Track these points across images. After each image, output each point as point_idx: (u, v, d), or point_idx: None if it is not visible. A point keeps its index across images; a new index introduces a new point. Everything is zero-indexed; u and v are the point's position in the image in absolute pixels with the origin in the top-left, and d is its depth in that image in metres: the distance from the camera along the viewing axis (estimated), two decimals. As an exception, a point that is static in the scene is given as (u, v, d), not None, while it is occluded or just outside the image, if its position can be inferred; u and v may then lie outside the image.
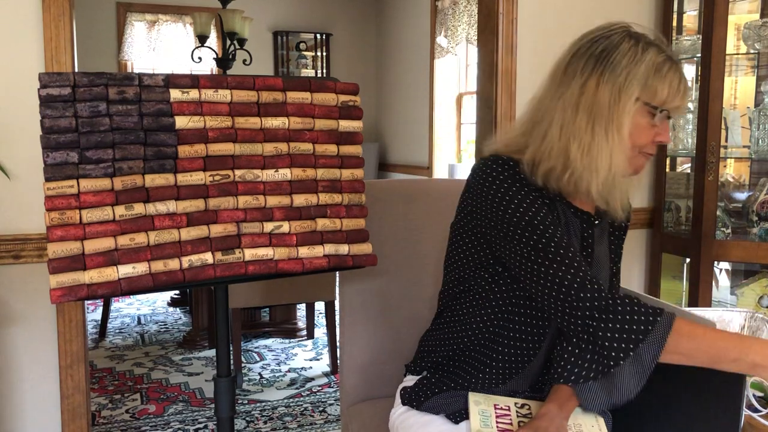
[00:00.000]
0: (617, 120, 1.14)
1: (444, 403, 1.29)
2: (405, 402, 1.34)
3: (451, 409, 1.28)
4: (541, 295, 1.14)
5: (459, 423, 1.27)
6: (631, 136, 1.16)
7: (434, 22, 5.45)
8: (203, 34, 4.51)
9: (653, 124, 1.16)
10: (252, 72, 5.27)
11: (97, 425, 2.79)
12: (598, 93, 1.14)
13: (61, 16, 1.96)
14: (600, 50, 1.16)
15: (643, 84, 1.13)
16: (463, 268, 1.30)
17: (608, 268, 1.31)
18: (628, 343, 1.06)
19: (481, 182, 1.21)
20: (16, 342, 2.03)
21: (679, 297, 2.66)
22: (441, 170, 5.55)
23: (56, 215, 1.14)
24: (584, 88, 1.15)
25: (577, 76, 1.17)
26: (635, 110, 1.15)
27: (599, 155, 1.14)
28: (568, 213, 1.24)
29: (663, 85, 1.13)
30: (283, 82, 1.33)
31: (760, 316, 1.43)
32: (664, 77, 1.14)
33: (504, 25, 2.44)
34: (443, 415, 1.29)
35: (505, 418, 1.23)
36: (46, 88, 1.15)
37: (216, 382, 1.41)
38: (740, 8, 2.63)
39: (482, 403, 1.25)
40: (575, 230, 1.25)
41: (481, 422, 1.18)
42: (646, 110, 1.15)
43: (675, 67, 1.15)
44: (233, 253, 1.27)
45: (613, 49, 1.15)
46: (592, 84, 1.15)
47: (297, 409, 2.97)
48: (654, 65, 1.13)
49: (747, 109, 2.52)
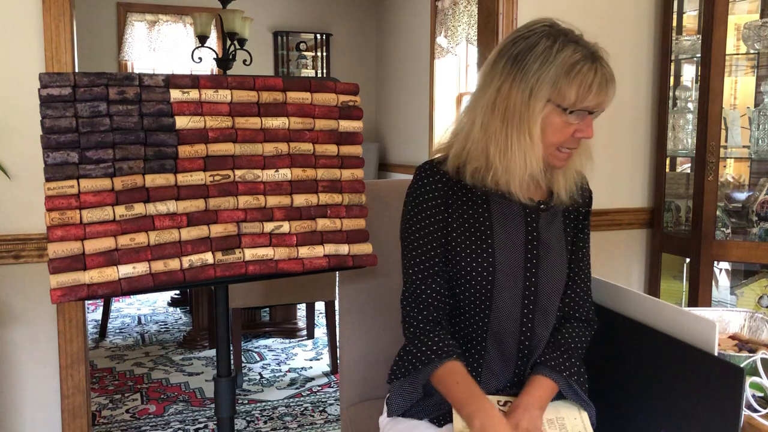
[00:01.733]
0: (529, 123, 1.17)
1: (428, 408, 1.31)
2: (391, 412, 1.35)
3: (434, 414, 1.30)
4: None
5: (442, 426, 1.28)
6: (546, 136, 1.19)
7: (434, 22, 5.45)
8: (203, 35, 4.51)
9: (569, 122, 1.18)
10: (252, 72, 5.27)
11: (98, 425, 2.79)
12: (510, 96, 1.18)
13: (62, 16, 1.96)
14: (517, 52, 1.18)
15: (552, 86, 1.15)
16: None
17: (564, 253, 1.32)
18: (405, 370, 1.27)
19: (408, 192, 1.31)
20: (16, 342, 2.03)
21: (679, 297, 2.66)
22: (441, 170, 5.54)
23: (56, 215, 1.14)
24: (500, 90, 1.19)
25: (497, 76, 1.20)
26: (547, 112, 1.17)
27: (513, 157, 1.18)
28: (503, 202, 1.27)
29: (572, 86, 1.14)
30: (284, 82, 1.33)
31: (760, 316, 1.43)
32: (574, 78, 1.14)
33: (504, 25, 2.44)
34: (427, 420, 1.31)
35: None
36: (46, 88, 1.15)
37: (216, 382, 1.41)
38: (740, 8, 2.63)
39: None
40: (516, 217, 1.28)
41: (464, 423, 1.19)
42: (558, 110, 1.17)
43: (589, 65, 1.15)
44: (233, 253, 1.27)
45: (528, 50, 1.17)
46: (506, 87, 1.18)
47: (297, 409, 2.97)
48: (565, 66, 1.14)
49: (747, 109, 2.52)
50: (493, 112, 1.19)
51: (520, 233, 1.27)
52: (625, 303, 1.36)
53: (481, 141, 1.21)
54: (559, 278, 1.30)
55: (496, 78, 1.20)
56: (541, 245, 1.28)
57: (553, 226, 1.31)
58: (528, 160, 1.18)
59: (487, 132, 1.20)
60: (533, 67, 1.15)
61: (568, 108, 1.16)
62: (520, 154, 1.18)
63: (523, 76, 1.16)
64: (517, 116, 1.17)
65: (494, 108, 1.19)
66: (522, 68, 1.17)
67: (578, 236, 1.36)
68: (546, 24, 1.21)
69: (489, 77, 1.22)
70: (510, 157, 1.18)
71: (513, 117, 1.17)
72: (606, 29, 2.50)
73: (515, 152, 1.18)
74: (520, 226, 1.28)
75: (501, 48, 1.22)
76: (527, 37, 1.19)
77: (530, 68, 1.16)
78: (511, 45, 1.20)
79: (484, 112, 1.21)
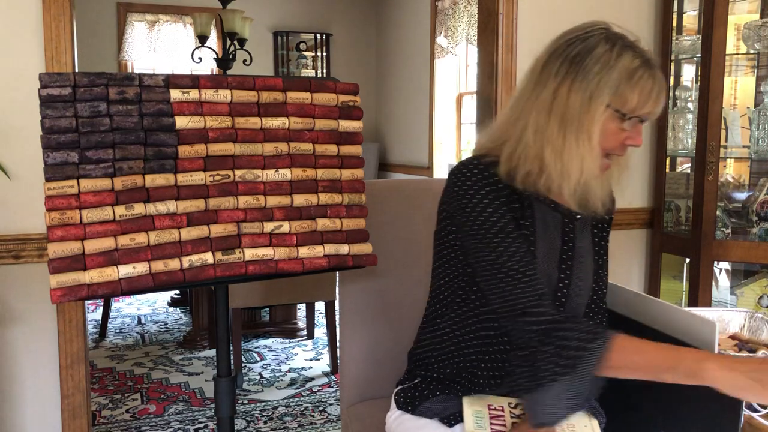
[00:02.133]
0: (587, 127, 1.14)
1: (438, 407, 1.29)
2: (399, 406, 1.35)
3: (445, 413, 1.29)
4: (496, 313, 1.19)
5: (453, 426, 1.27)
6: (601, 141, 1.16)
7: (434, 22, 5.45)
8: (203, 35, 4.51)
9: (623, 128, 1.16)
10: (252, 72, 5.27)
11: (97, 425, 2.79)
12: (569, 99, 1.14)
13: (61, 16, 1.96)
14: (575, 54, 1.15)
15: (614, 91, 1.12)
16: (448, 275, 1.30)
17: (591, 261, 1.31)
18: (563, 367, 1.09)
19: (454, 189, 1.22)
20: (16, 342, 2.03)
21: (679, 297, 2.66)
22: (441, 170, 5.54)
23: (56, 215, 1.14)
24: (557, 92, 1.15)
25: (551, 78, 1.16)
26: (606, 116, 1.14)
27: (570, 161, 1.15)
28: (546, 210, 1.24)
29: (634, 92, 1.12)
30: (283, 83, 1.33)
31: (760, 316, 1.43)
32: (636, 84, 1.12)
33: (504, 25, 2.44)
34: (437, 419, 1.29)
35: (498, 419, 1.24)
36: (46, 88, 1.15)
37: (216, 382, 1.41)
38: (740, 8, 2.63)
39: (476, 404, 1.26)
40: (555, 225, 1.25)
41: (475, 424, 1.18)
42: (616, 116, 1.15)
43: (649, 72, 1.14)
44: (233, 253, 1.27)
45: (587, 53, 1.14)
46: (564, 89, 1.15)
47: (297, 409, 2.97)
48: (627, 71, 1.12)
49: (747, 109, 2.52)
50: (549, 115, 1.16)
51: (557, 242, 1.25)
52: (625, 303, 1.36)
53: (535, 144, 1.17)
54: (586, 288, 1.29)
55: (551, 80, 1.16)
56: (575, 255, 1.27)
57: (584, 235, 1.30)
58: (585, 164, 1.15)
59: (543, 135, 1.16)
60: (594, 69, 1.13)
61: (627, 114, 1.14)
62: (577, 159, 1.14)
63: (583, 78, 1.13)
64: (576, 119, 1.14)
65: (551, 110, 1.15)
66: (582, 70, 1.13)
67: (601, 244, 1.34)
68: (602, 27, 1.18)
69: (541, 79, 1.18)
70: (567, 160, 1.15)
71: (572, 120, 1.14)
72: (606, 29, 2.50)
73: (573, 156, 1.14)
74: (558, 235, 1.25)
75: (554, 49, 1.18)
76: (585, 39, 1.16)
77: (590, 71, 1.13)
78: (566, 46, 1.17)
79: (539, 114, 1.17)
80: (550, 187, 1.19)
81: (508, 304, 1.15)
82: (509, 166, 1.20)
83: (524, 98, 1.21)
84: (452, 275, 1.29)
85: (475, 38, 2.90)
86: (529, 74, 1.22)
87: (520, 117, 1.20)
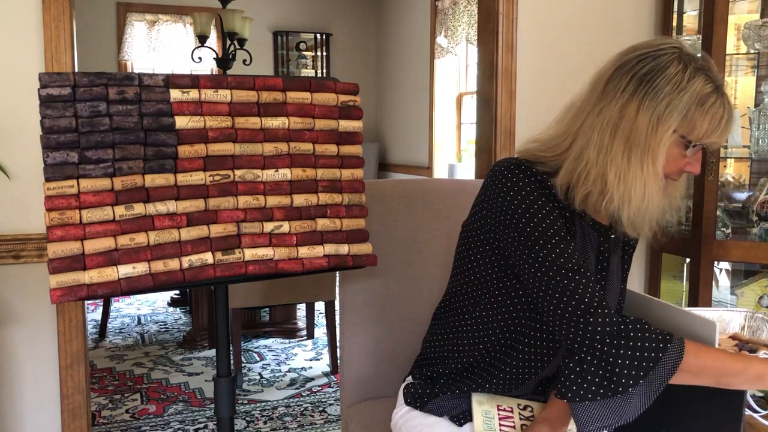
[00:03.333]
0: (653, 151, 1.09)
1: (448, 406, 1.28)
2: (408, 402, 1.34)
3: (455, 412, 1.28)
4: (550, 313, 1.12)
5: (463, 425, 1.26)
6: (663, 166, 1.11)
7: (434, 22, 5.45)
8: (203, 34, 4.51)
9: (684, 155, 1.12)
10: (252, 72, 5.27)
11: (97, 425, 2.79)
12: (637, 120, 1.09)
13: (61, 16, 1.96)
14: (645, 71, 1.09)
15: (683, 116, 1.07)
16: (474, 272, 1.26)
17: (619, 279, 1.29)
18: (639, 370, 1.04)
19: (498, 187, 1.17)
20: (16, 342, 2.03)
21: (679, 297, 2.66)
22: (441, 170, 5.55)
23: (56, 215, 1.14)
24: (624, 111, 1.10)
25: (618, 94, 1.11)
26: (672, 141, 1.10)
27: (633, 184, 1.10)
28: (585, 226, 1.21)
29: (704, 120, 1.07)
30: (283, 82, 1.33)
31: (760, 316, 1.42)
32: (707, 111, 1.07)
33: (504, 25, 2.44)
34: (447, 417, 1.29)
35: (508, 420, 1.23)
36: (46, 88, 1.15)
37: (216, 382, 1.41)
38: (740, 8, 2.63)
39: (485, 404, 1.25)
40: (592, 243, 1.22)
41: (485, 424, 1.18)
42: (681, 142, 1.10)
43: (721, 100, 1.08)
44: (233, 253, 1.27)
45: (659, 72, 1.08)
46: (632, 109, 1.09)
47: (297, 409, 2.97)
48: (698, 96, 1.07)
49: (747, 109, 2.51)
50: (614, 136, 1.10)
51: (592, 260, 1.22)
52: (626, 303, 1.36)
53: (597, 165, 1.11)
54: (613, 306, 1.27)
55: (618, 96, 1.10)
56: (608, 274, 1.25)
57: (615, 255, 1.27)
58: (648, 190, 1.10)
59: (607, 155, 1.10)
60: (664, 90, 1.07)
61: (693, 141, 1.09)
62: (640, 183, 1.09)
63: (652, 98, 1.07)
64: (642, 142, 1.08)
65: (616, 131, 1.10)
66: (652, 90, 1.08)
67: (628, 262, 1.32)
68: (676, 46, 1.11)
69: (608, 94, 1.12)
70: (630, 184, 1.09)
71: (638, 143, 1.09)
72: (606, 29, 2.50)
73: (636, 180, 1.09)
74: (593, 254, 1.23)
75: (622, 63, 1.12)
76: (657, 57, 1.09)
77: (661, 91, 1.07)
78: (636, 61, 1.10)
79: (603, 132, 1.11)
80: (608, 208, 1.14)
81: (571, 303, 1.09)
82: (568, 182, 1.15)
83: (585, 112, 1.15)
84: (477, 272, 1.25)
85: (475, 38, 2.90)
86: (591, 87, 1.16)
87: (580, 132, 1.15)
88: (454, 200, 1.71)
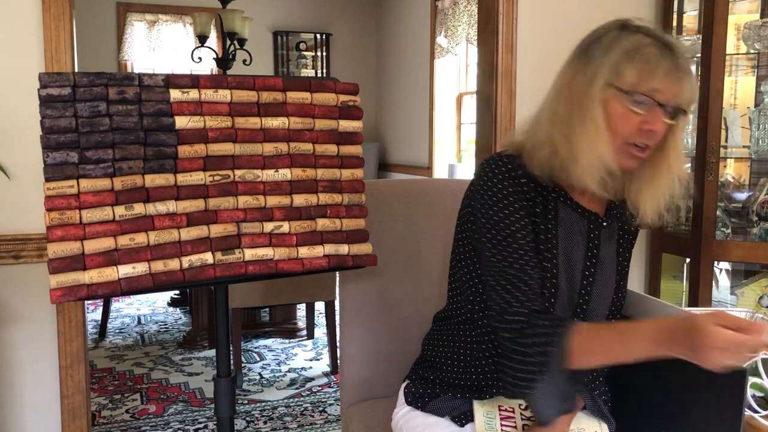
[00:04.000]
0: (590, 106, 1.12)
1: (449, 406, 1.28)
2: (409, 401, 1.34)
3: (456, 412, 1.28)
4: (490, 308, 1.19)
5: (464, 425, 1.26)
6: (611, 125, 1.12)
7: (434, 22, 5.45)
8: (203, 34, 4.51)
9: (631, 110, 1.11)
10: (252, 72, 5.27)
11: (97, 425, 2.79)
12: (574, 81, 1.16)
13: (61, 16, 1.96)
14: (587, 44, 1.18)
15: (612, 68, 1.11)
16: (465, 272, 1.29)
17: (614, 271, 1.29)
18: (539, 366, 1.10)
19: (479, 183, 1.22)
20: (16, 342, 2.03)
21: (679, 297, 2.66)
22: (441, 170, 5.55)
23: (56, 215, 1.14)
24: (564, 80, 1.18)
25: (567, 71, 1.19)
26: (607, 96, 1.12)
27: (578, 143, 1.13)
28: (571, 213, 1.23)
29: (633, 66, 1.09)
30: (283, 82, 1.33)
31: (760, 316, 1.42)
32: (636, 59, 1.09)
33: (504, 25, 2.44)
34: (448, 418, 1.29)
35: (509, 420, 1.23)
36: (46, 88, 1.15)
37: (216, 382, 1.41)
38: (740, 8, 2.63)
39: (486, 404, 1.25)
40: (581, 230, 1.23)
41: (486, 425, 1.18)
42: (619, 94, 1.11)
43: (659, 50, 1.09)
44: (233, 253, 1.27)
45: (596, 40, 1.16)
46: (571, 74, 1.17)
47: (297, 409, 2.97)
48: (628, 48, 1.11)
49: (747, 109, 2.51)
50: (558, 100, 1.18)
51: (581, 248, 1.23)
52: (626, 303, 1.36)
53: (547, 129, 1.18)
54: (607, 297, 1.27)
55: (565, 71, 1.19)
56: (598, 264, 1.25)
57: (609, 243, 1.28)
58: (595, 148, 1.12)
59: (554, 118, 1.17)
60: (597, 53, 1.14)
61: (628, 90, 1.10)
62: (585, 140, 1.12)
63: (586, 62, 1.15)
64: (578, 101, 1.14)
65: (559, 96, 1.18)
66: (586, 55, 1.16)
67: (625, 255, 1.33)
68: (621, 21, 1.18)
69: (560, 73, 1.21)
70: (575, 143, 1.13)
71: (576, 102, 1.14)
72: (606, 29, 2.50)
73: (580, 138, 1.13)
74: (582, 241, 1.24)
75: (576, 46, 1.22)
76: (597, 30, 1.19)
77: (594, 53, 1.14)
78: (582, 42, 1.20)
79: (551, 101, 1.20)
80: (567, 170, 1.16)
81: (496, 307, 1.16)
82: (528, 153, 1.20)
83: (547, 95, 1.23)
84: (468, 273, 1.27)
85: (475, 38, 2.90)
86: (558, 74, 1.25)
87: (540, 109, 1.22)
88: (454, 200, 1.71)
